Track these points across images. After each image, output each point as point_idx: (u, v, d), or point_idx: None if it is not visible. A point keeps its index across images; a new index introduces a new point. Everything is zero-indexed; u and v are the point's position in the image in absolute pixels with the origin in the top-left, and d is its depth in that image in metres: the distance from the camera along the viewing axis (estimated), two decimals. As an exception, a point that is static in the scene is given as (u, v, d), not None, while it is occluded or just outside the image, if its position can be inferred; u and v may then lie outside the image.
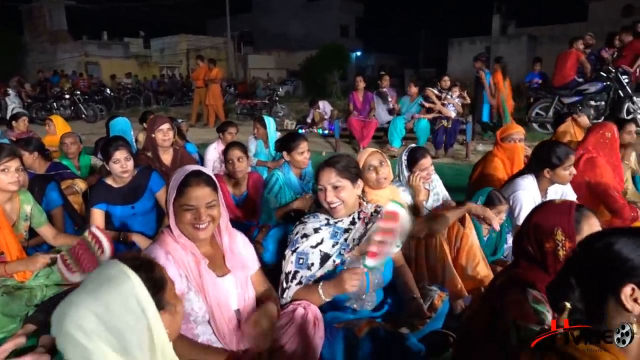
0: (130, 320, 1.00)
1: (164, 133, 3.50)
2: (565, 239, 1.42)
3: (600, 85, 7.58)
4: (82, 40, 25.06)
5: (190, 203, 1.56)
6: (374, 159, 2.58)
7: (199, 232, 1.59)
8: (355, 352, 1.64)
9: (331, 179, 1.92)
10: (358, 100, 7.41)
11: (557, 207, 1.49)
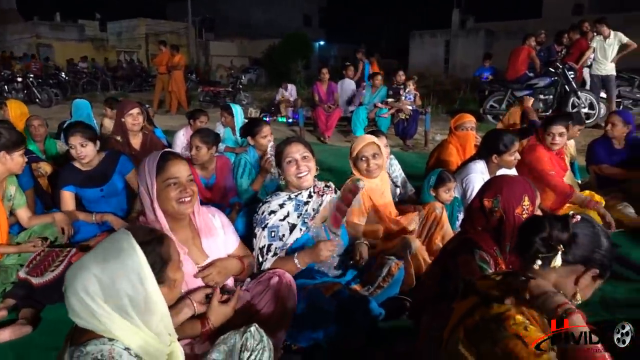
0: (129, 291, 1.15)
1: (134, 117, 3.56)
2: (530, 204, 1.67)
3: (548, 80, 8.06)
4: (33, 21, 23.91)
5: (175, 175, 1.67)
6: (367, 150, 2.67)
7: (185, 206, 1.69)
8: (322, 311, 1.84)
9: (300, 150, 2.18)
10: (322, 91, 7.59)
11: (521, 181, 1.75)
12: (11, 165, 2.52)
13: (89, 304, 1.12)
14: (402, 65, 26.23)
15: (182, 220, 1.75)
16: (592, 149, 3.97)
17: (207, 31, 32.44)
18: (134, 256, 1.16)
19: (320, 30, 38.09)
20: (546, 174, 3.30)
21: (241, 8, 35.36)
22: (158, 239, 1.26)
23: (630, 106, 8.91)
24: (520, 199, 1.67)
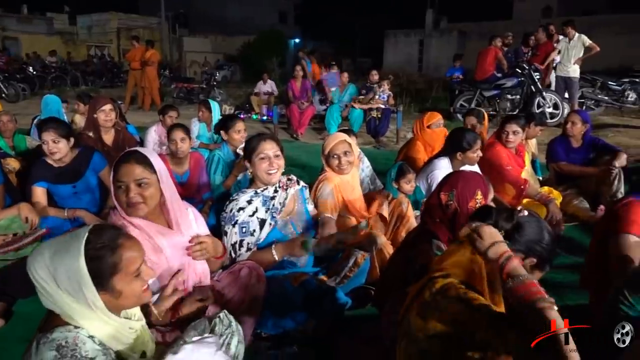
0: (70, 290, 1.18)
1: (106, 114, 3.57)
2: (483, 198, 1.79)
3: (515, 81, 8.34)
4: (-2, 13, 23.16)
5: (121, 179, 1.70)
6: (339, 148, 2.75)
7: (133, 209, 1.71)
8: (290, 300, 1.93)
9: (273, 148, 2.28)
10: (296, 89, 7.67)
11: (475, 175, 1.88)
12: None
13: (44, 286, 1.18)
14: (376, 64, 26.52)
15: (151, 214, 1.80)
16: (552, 148, 4.17)
17: (180, 26, 32.01)
18: (76, 262, 1.18)
19: (296, 28, 38.07)
20: (502, 169, 3.50)
21: (216, 4, 35.00)
22: (112, 248, 1.24)
23: (593, 106, 9.30)
24: (474, 193, 1.79)
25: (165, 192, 1.80)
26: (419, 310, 1.30)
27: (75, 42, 25.36)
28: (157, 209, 1.81)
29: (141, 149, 1.84)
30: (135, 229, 1.71)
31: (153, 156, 1.81)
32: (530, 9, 28.64)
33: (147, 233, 1.73)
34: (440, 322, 1.23)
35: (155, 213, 1.81)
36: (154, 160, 1.77)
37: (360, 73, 20.85)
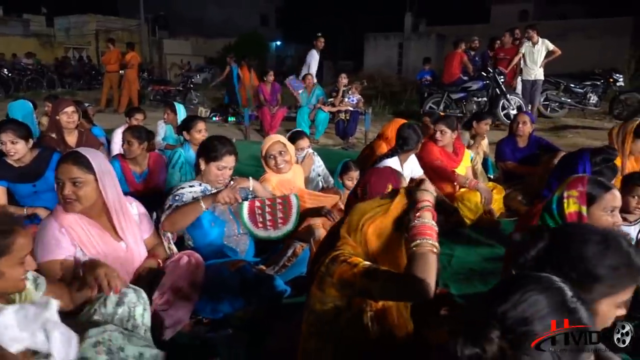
0: None
1: (69, 115, 3.68)
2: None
3: (480, 84, 8.63)
4: (-27, 14, 22.83)
5: (59, 177, 1.85)
6: (274, 149, 2.95)
7: (66, 206, 1.86)
8: (226, 285, 2.09)
9: (232, 162, 2.47)
10: (266, 92, 7.85)
11: (387, 170, 2.06)
12: None
13: None
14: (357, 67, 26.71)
15: (91, 212, 1.93)
16: (499, 147, 4.41)
17: (160, 29, 31.86)
18: None
19: (278, 31, 38.20)
20: (432, 163, 3.77)
21: (196, 6, 34.95)
22: (6, 232, 1.32)
23: (557, 108, 9.66)
24: (385, 187, 1.97)
25: (106, 192, 1.91)
26: (317, 283, 1.47)
27: (52, 44, 25.10)
28: (97, 207, 1.94)
29: (84, 150, 1.96)
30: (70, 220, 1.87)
31: (95, 157, 1.92)
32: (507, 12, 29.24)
33: (80, 225, 1.88)
34: (332, 287, 1.41)
35: (96, 211, 1.94)
36: (94, 161, 1.89)
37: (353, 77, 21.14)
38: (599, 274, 1.10)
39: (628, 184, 2.50)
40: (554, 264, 1.12)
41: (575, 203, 1.73)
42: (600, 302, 1.11)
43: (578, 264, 1.11)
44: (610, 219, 1.71)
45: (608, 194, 1.71)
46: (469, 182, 3.70)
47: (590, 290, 1.10)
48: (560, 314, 0.86)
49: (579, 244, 1.13)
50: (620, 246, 1.12)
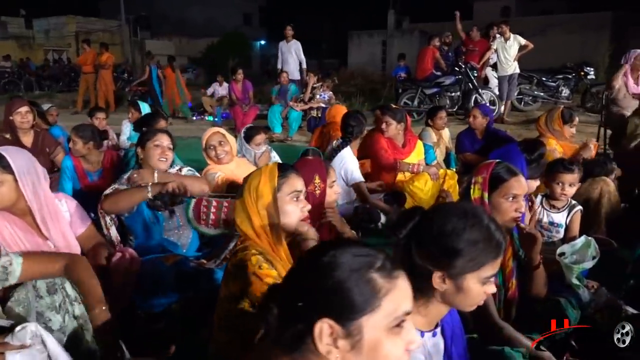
0: None
1: (22, 116, 3.67)
2: (321, 182, 2.01)
3: (453, 79, 8.72)
4: (-51, 17, 22.49)
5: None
6: (213, 139, 3.01)
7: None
8: (162, 279, 2.11)
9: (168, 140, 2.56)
10: (237, 90, 7.85)
11: (312, 161, 2.09)
12: None
13: None
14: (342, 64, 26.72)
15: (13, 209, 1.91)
16: (459, 139, 4.48)
17: (142, 29, 31.62)
18: None
19: (262, 30, 38.11)
20: (376, 152, 3.87)
21: (178, 6, 34.71)
22: None
23: (530, 102, 9.78)
24: (312, 177, 2.01)
25: (26, 192, 1.88)
26: (225, 280, 1.51)
27: (31, 46, 24.83)
28: (21, 206, 1.90)
29: (5, 149, 1.90)
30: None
31: (17, 157, 1.89)
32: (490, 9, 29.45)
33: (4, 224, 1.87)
34: (234, 285, 1.44)
35: (19, 210, 1.91)
36: (14, 161, 1.86)
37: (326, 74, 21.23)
38: (458, 248, 1.13)
39: (552, 171, 2.56)
40: (419, 241, 1.16)
41: (479, 189, 1.75)
42: (464, 277, 1.14)
43: (439, 239, 1.14)
44: (511, 205, 1.70)
45: (511, 180, 1.71)
46: (411, 167, 3.80)
47: (452, 265, 1.13)
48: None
49: (441, 220, 1.16)
50: (480, 221, 1.16)
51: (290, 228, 1.58)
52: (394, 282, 0.83)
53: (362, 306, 0.80)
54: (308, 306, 0.81)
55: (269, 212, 1.53)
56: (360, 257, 0.84)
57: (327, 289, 0.81)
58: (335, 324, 0.79)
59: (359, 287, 0.81)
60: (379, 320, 0.81)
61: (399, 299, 0.83)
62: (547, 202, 2.67)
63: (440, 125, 4.60)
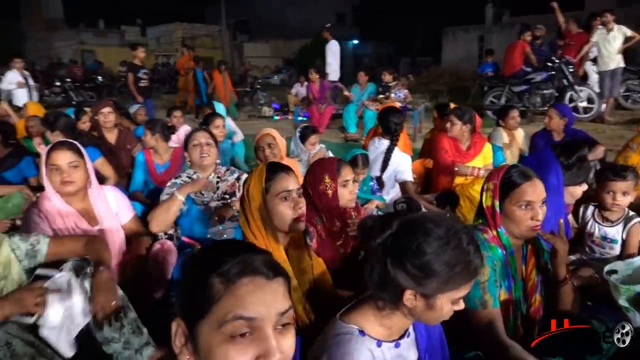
0: None
1: (105, 116, 4.08)
2: (331, 181, 2.00)
3: (545, 75, 8.04)
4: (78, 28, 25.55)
5: (55, 163, 2.10)
6: (263, 141, 3.10)
7: (64, 188, 2.10)
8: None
9: (205, 137, 2.67)
10: (315, 90, 7.97)
11: (325, 160, 2.08)
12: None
13: None
14: (436, 62, 25.98)
15: (75, 195, 2.18)
16: (532, 141, 4.15)
17: (242, 33, 33.40)
18: None
19: (355, 29, 38.28)
20: (437, 152, 3.73)
21: (276, 9, 36.04)
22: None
23: (639, 99, 8.72)
24: (322, 177, 1.99)
25: (91, 176, 2.21)
26: None
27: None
28: (82, 192, 2.20)
29: (70, 140, 2.25)
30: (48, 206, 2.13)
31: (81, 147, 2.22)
32: (603, -3, 26.74)
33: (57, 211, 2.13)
34: None
35: (80, 196, 2.20)
36: (82, 149, 2.19)
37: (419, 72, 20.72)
38: (435, 270, 1.07)
39: (601, 179, 2.25)
40: (395, 254, 1.10)
41: (490, 197, 1.61)
42: (436, 297, 1.08)
43: (417, 257, 1.08)
44: (525, 213, 1.54)
45: (523, 185, 1.55)
46: (471, 170, 3.57)
47: (425, 284, 1.07)
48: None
49: (420, 237, 1.09)
50: (460, 244, 1.08)
51: (283, 228, 1.57)
52: (232, 287, 0.78)
53: (198, 310, 0.78)
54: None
55: (261, 214, 1.55)
56: (209, 260, 0.82)
57: (181, 288, 0.84)
58: (182, 323, 0.81)
59: (198, 290, 0.79)
60: (212, 325, 0.77)
61: (233, 305, 0.77)
62: (600, 214, 2.38)
63: (512, 125, 4.29)
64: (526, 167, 1.62)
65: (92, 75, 16.98)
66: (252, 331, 0.77)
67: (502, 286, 1.55)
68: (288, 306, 0.81)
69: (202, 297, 0.78)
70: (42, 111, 5.94)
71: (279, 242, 1.57)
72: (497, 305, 1.49)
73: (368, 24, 38.38)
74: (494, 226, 1.59)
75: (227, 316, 0.76)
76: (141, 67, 8.24)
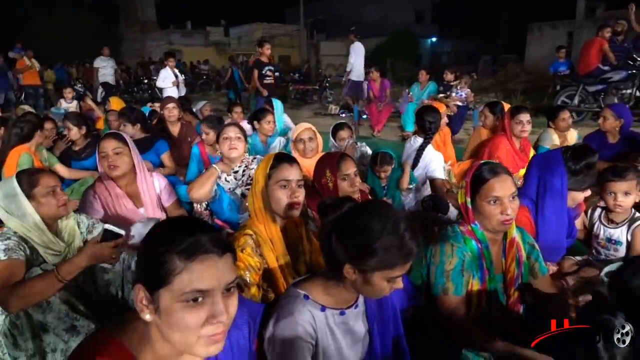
0: (10, 203, 1.90)
1: (170, 111, 4.53)
2: (331, 175, 2.16)
3: (624, 74, 7.49)
4: (168, 29, 27.48)
5: (103, 150, 2.46)
6: (304, 134, 3.29)
7: (112, 171, 2.46)
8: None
9: (235, 131, 2.92)
10: (375, 89, 8.06)
11: (328, 155, 2.24)
12: (40, 140, 3.68)
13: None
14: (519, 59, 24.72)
15: (123, 179, 2.54)
16: (584, 142, 3.96)
17: (319, 32, 33.97)
18: (12, 181, 1.92)
19: (433, 26, 37.41)
20: (490, 158, 3.57)
21: (353, 7, 36.14)
22: (32, 174, 1.99)
23: None
24: (324, 171, 2.15)
25: (137, 162, 2.54)
26: None
27: (226, 51, 28.75)
28: (130, 176, 2.55)
29: (117, 131, 2.61)
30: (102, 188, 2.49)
31: (127, 138, 2.57)
32: None
33: (109, 193, 2.49)
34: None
35: (128, 180, 2.55)
36: (127, 139, 2.53)
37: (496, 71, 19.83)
38: (372, 249, 1.19)
39: (602, 181, 2.17)
40: (340, 231, 1.24)
41: (463, 194, 1.67)
42: (372, 274, 1.21)
43: (357, 238, 1.22)
44: (494, 208, 1.58)
45: (491, 181, 1.59)
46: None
47: (364, 262, 1.21)
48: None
49: (363, 219, 1.22)
50: (397, 229, 1.19)
51: (279, 212, 1.75)
52: (189, 264, 0.94)
53: (160, 280, 0.94)
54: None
55: (262, 196, 1.75)
56: (167, 238, 0.96)
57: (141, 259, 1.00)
58: (145, 291, 0.96)
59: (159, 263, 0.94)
60: (172, 292, 0.93)
61: (191, 279, 0.93)
62: (606, 216, 2.31)
63: (562, 126, 4.13)
64: (497, 163, 1.68)
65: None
66: (205, 298, 0.95)
67: (475, 276, 1.62)
68: (234, 277, 0.99)
69: (163, 270, 0.94)
70: (122, 106, 6.64)
71: (275, 222, 1.76)
72: (458, 293, 1.58)
73: (448, 21, 37.30)
74: (467, 222, 1.67)
75: (186, 288, 0.93)
76: (267, 64, 7.91)
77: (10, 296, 1.59)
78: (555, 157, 2.01)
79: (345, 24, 35.40)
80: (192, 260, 0.94)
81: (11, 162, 3.43)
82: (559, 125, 4.13)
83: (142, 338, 1.01)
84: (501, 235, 1.68)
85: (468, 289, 1.61)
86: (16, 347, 1.78)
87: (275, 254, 1.72)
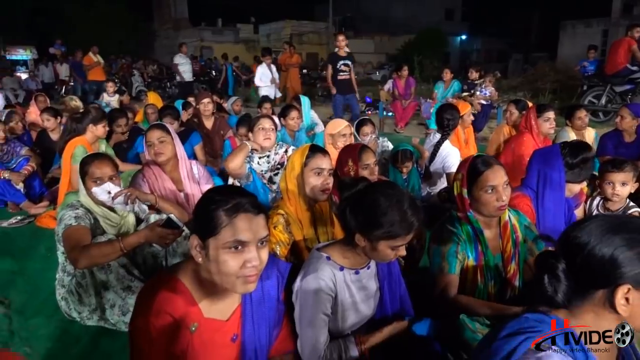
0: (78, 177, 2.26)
1: (205, 105, 4.85)
2: (353, 164, 2.41)
3: (652, 74, 7.47)
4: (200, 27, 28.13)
5: (149, 140, 2.77)
6: (346, 131, 3.55)
7: (157, 157, 2.77)
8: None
9: (269, 122, 3.22)
10: (400, 86, 8.23)
11: (350, 147, 2.48)
12: (97, 133, 3.91)
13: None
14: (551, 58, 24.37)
15: (167, 164, 2.84)
16: (601, 142, 4.09)
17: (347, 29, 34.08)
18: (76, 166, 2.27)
19: (463, 24, 37.03)
20: (521, 158, 3.59)
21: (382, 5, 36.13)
22: (87, 163, 2.29)
23: None
24: (347, 161, 2.39)
25: (179, 150, 2.85)
26: None
27: (255, 48, 29.24)
28: (173, 163, 2.86)
29: (159, 123, 2.93)
30: (149, 173, 2.81)
31: (171, 128, 2.90)
32: None
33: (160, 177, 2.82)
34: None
35: (171, 166, 2.86)
36: (171, 130, 2.86)
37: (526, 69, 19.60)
38: (379, 222, 1.42)
39: (601, 172, 2.34)
40: (353, 205, 1.49)
41: (459, 186, 1.86)
42: (379, 242, 1.45)
43: (367, 212, 1.45)
44: (491, 196, 1.77)
45: (486, 172, 1.78)
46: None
47: (371, 232, 1.45)
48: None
49: (372, 197, 1.46)
50: (401, 206, 1.42)
51: (311, 196, 2.02)
52: (232, 220, 1.19)
53: (210, 231, 1.19)
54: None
55: (297, 181, 2.01)
56: (216, 199, 1.22)
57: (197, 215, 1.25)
58: (198, 240, 1.22)
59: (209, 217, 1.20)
60: (218, 241, 1.18)
61: (233, 231, 1.18)
62: (604, 205, 2.48)
63: (579, 125, 4.24)
64: (488, 156, 1.92)
65: (207, 69, 18.78)
66: (243, 247, 1.20)
67: (470, 257, 1.86)
68: (266, 233, 1.24)
69: (213, 223, 1.19)
70: (159, 100, 7.03)
71: (305, 204, 2.04)
72: (453, 272, 1.81)
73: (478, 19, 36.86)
74: (463, 210, 1.89)
75: (229, 238, 1.18)
76: (343, 57, 7.32)
77: (80, 255, 1.90)
78: (554, 152, 2.21)
79: (373, 21, 35.55)
80: (235, 217, 1.19)
81: (67, 154, 3.77)
82: (575, 124, 4.24)
83: (194, 277, 1.29)
84: (496, 220, 1.90)
85: (464, 268, 1.85)
86: (81, 303, 2.10)
87: (302, 232, 2.00)
